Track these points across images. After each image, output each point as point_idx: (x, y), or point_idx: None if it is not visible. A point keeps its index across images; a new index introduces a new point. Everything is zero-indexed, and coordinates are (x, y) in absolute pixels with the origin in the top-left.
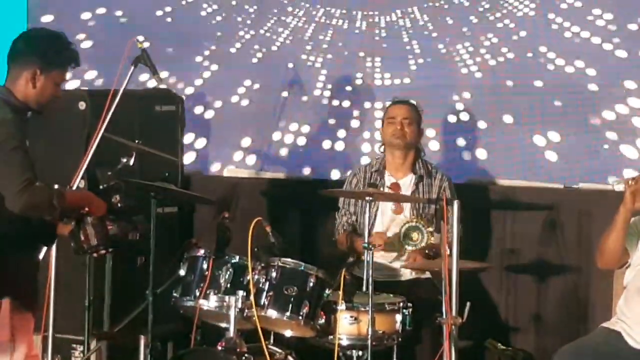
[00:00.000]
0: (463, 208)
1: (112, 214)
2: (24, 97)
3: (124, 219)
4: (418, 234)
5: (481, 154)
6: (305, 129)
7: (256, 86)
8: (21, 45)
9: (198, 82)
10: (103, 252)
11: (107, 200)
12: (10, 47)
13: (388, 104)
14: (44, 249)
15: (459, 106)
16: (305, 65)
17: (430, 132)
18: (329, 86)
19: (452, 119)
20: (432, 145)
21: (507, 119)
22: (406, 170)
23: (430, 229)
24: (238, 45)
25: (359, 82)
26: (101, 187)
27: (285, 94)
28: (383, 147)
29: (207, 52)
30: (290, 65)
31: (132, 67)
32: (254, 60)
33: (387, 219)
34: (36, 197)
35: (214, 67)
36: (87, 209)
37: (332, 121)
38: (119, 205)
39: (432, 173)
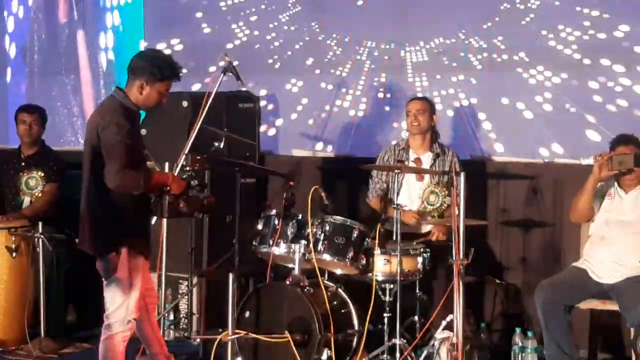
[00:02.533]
0: (467, 178)
1: (190, 190)
2: (135, 100)
3: (196, 198)
4: (435, 197)
5: (482, 134)
6: (352, 114)
7: (313, 81)
8: (136, 61)
9: (268, 87)
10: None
11: (187, 181)
12: (130, 61)
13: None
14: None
15: (465, 96)
16: (354, 59)
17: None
18: (372, 81)
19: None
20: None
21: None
22: (425, 148)
23: (444, 193)
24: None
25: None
26: (188, 172)
27: (337, 88)
28: (407, 131)
29: (277, 65)
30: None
31: (222, 75)
32: (308, 62)
33: (410, 185)
34: (126, 180)
35: (285, 74)
36: (168, 188)
37: (369, 109)
38: (196, 186)
39: (445, 151)
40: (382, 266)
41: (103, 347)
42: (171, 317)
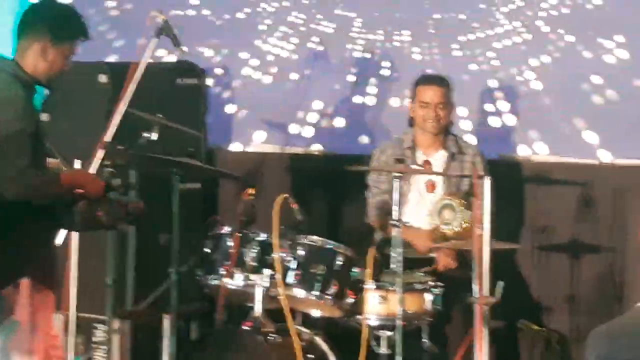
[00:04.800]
0: (495, 184)
1: (110, 192)
2: (33, 70)
3: (118, 205)
4: (450, 212)
5: (514, 127)
6: (328, 105)
7: (278, 63)
8: (30, 18)
9: (217, 59)
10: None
11: (107, 181)
12: (19, 20)
13: (419, 79)
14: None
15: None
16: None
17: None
18: (352, 64)
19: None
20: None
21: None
22: (438, 146)
23: (467, 211)
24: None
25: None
26: (108, 168)
27: (308, 71)
28: (411, 120)
29: (226, 28)
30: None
31: (154, 39)
32: (278, 34)
33: (420, 198)
34: (31, 183)
35: (235, 43)
36: (82, 190)
37: (352, 98)
38: (118, 187)
39: (464, 149)
40: (377, 306)
41: None
42: None
